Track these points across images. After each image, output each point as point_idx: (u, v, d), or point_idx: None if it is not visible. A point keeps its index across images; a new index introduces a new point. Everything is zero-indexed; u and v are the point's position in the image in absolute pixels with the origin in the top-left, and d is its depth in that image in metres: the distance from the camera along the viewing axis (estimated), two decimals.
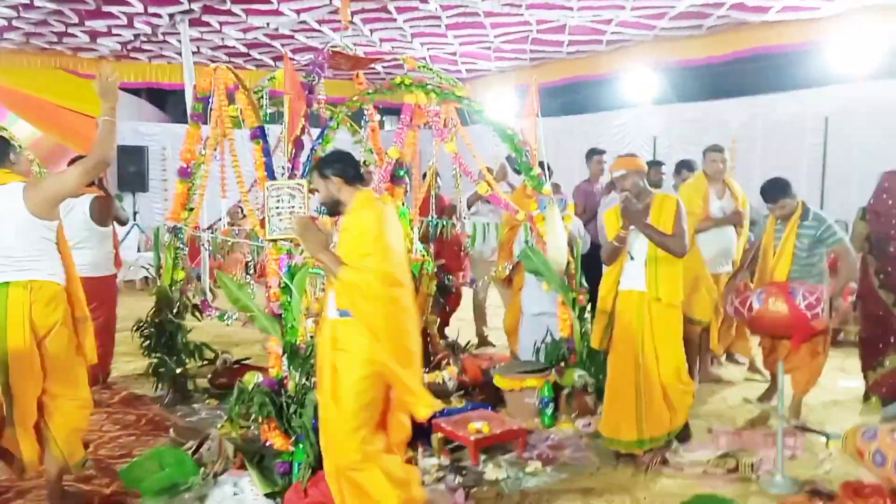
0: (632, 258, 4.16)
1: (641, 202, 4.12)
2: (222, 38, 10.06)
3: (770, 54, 9.31)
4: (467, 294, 7.21)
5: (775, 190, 4.71)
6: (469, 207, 6.83)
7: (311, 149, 4.12)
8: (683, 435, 4.37)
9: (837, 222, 4.82)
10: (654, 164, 6.61)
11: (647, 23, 9.29)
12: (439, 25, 9.51)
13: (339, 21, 8.10)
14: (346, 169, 3.13)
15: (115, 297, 5.95)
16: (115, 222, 5.92)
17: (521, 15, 8.96)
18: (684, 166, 6.45)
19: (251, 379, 4.20)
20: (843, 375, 6.04)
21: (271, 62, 11.31)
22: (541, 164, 5.84)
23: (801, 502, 3.59)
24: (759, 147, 9.69)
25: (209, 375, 5.59)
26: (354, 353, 3.00)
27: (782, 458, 3.90)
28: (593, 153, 6.96)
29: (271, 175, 4.01)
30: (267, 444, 3.82)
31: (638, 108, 11.12)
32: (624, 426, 4.08)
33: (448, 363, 5.29)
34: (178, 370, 5.33)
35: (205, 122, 5.22)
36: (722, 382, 5.83)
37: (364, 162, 6.05)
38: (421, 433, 4.40)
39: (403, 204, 5.80)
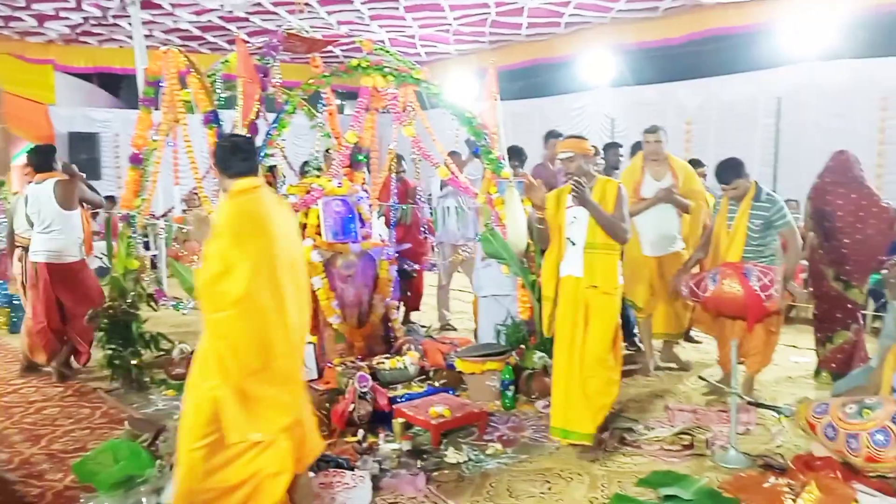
0: (572, 244, 4.07)
1: (587, 185, 4.04)
2: (175, 21, 9.84)
3: (724, 36, 9.43)
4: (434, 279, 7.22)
5: (728, 170, 4.73)
6: (441, 189, 6.79)
7: (267, 133, 4.05)
8: (610, 432, 4.18)
9: (789, 201, 4.93)
10: (612, 146, 6.65)
11: (604, 5, 9.34)
12: (397, 8, 9.42)
13: (295, 3, 7.97)
14: (224, 157, 2.98)
15: (93, 282, 5.72)
16: (88, 206, 5.74)
17: None
18: (640, 148, 6.51)
19: None
20: (794, 352, 6.20)
21: (227, 46, 11.10)
22: (516, 150, 5.92)
23: (755, 476, 3.68)
24: (713, 128, 9.84)
25: (166, 366, 5.50)
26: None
27: (736, 433, 3.99)
28: (550, 136, 6.96)
29: None
30: None
31: (596, 90, 11.19)
32: (569, 416, 4.01)
33: (409, 348, 5.29)
34: (134, 361, 5.24)
35: (156, 107, 5.10)
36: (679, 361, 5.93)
37: (326, 150, 5.99)
38: (382, 418, 4.42)
39: (364, 189, 5.78)
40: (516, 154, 6.04)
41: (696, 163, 6.61)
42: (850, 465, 3.50)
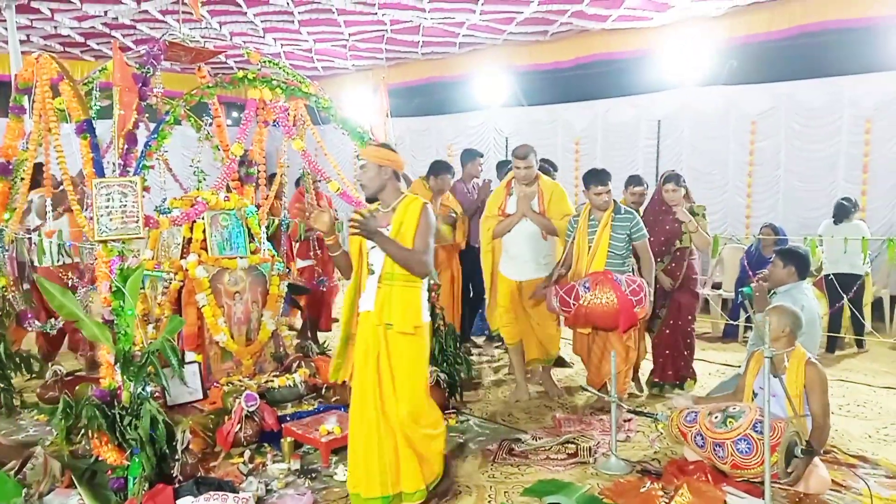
0: (371, 271, 3.48)
1: (388, 204, 3.49)
2: (55, 27, 9.32)
3: (609, 60, 9.86)
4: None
5: (589, 176, 4.97)
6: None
7: (146, 144, 3.90)
8: (442, 488, 3.62)
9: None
10: (505, 164, 6.77)
11: (497, 27, 9.58)
12: (292, 21, 9.31)
13: (186, 13, 7.74)
14: None
15: None
16: None
17: (375, 14, 8.95)
18: (506, 166, 6.55)
19: (84, 391, 3.93)
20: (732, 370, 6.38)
21: (112, 53, 10.62)
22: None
23: (633, 481, 3.84)
24: (600, 147, 10.26)
25: (38, 389, 5.17)
26: None
27: (616, 441, 4.15)
28: (469, 154, 6.80)
29: (100, 172, 3.76)
30: (99, 458, 3.59)
31: (490, 108, 11.44)
32: (364, 480, 3.37)
33: (300, 366, 5.20)
34: (2, 384, 4.90)
35: (28, 115, 4.82)
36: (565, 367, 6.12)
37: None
38: (271, 438, 4.32)
39: (253, 202, 5.65)
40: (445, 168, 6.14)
41: (506, 163, 6.51)
42: (719, 468, 3.72)
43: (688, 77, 9.37)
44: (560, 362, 6.07)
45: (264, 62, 5.16)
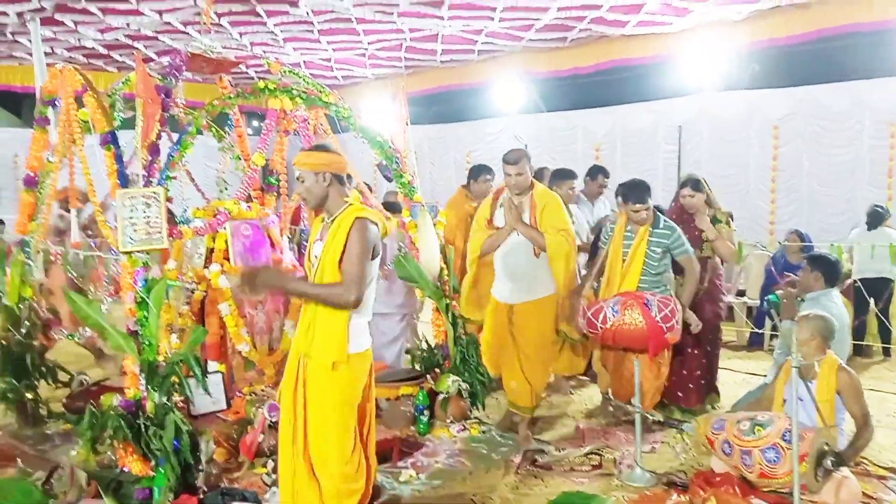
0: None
1: (332, 214, 3.09)
2: (79, 39, 9.45)
3: (629, 66, 9.83)
4: None
5: (639, 191, 4.53)
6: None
7: (169, 155, 3.93)
8: None
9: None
10: (599, 171, 6.49)
11: (516, 34, 9.57)
12: (312, 31, 9.37)
13: (203, 23, 7.81)
14: None
15: None
16: None
17: (394, 23, 8.98)
18: (537, 175, 6.35)
19: (109, 401, 3.95)
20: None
21: (134, 64, 10.75)
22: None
23: (659, 494, 3.78)
24: (620, 154, 10.22)
25: (64, 399, 5.21)
26: None
27: (642, 452, 4.10)
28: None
29: (124, 183, 3.79)
30: (124, 469, 3.60)
31: (509, 116, 11.43)
32: None
33: None
34: (29, 394, 4.94)
35: (53, 127, 4.88)
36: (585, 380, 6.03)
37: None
38: None
39: (274, 212, 5.67)
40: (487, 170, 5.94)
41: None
42: (747, 480, 3.65)
43: (708, 82, 9.31)
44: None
45: (285, 72, 5.18)
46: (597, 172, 6.43)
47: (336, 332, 2.96)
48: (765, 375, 5.35)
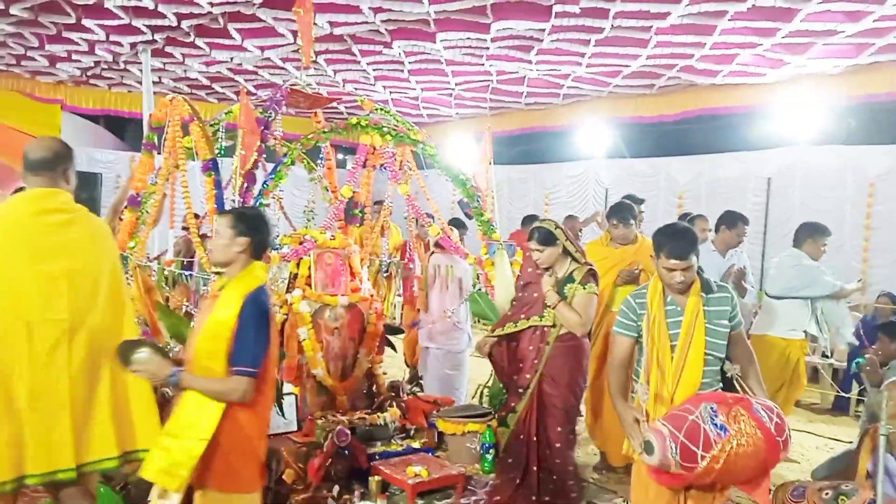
0: None
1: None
2: (185, 70, 10.06)
3: (717, 115, 9.71)
4: None
5: (662, 238, 3.04)
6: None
7: (264, 183, 4.14)
8: None
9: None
10: (698, 218, 6.16)
11: (602, 80, 9.62)
12: (402, 70, 9.67)
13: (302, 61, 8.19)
14: None
15: None
16: None
17: (482, 65, 9.18)
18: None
19: None
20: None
21: (234, 96, 11.34)
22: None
23: None
24: (704, 203, 10.02)
25: None
26: None
27: None
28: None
29: (221, 207, 4.01)
30: None
31: (591, 160, 11.42)
32: None
33: (391, 405, 5.26)
34: None
35: (159, 152, 5.20)
36: None
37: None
38: (358, 475, 4.37)
39: (357, 243, 5.84)
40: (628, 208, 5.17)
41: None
42: None
43: (801, 135, 9.09)
44: None
45: (376, 109, 5.37)
46: (735, 220, 5.43)
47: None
48: (850, 442, 5.07)
